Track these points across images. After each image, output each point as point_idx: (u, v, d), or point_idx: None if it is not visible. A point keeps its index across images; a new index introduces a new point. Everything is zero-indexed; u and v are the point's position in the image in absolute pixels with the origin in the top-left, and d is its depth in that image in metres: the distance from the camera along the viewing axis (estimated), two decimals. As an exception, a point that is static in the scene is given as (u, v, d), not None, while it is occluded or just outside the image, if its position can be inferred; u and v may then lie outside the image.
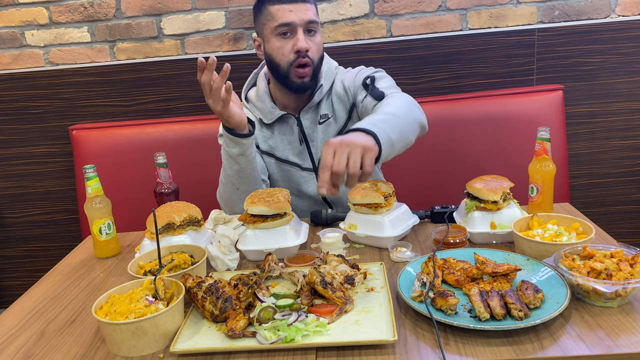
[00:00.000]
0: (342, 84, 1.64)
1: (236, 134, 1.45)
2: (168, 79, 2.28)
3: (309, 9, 1.49)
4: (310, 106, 1.63)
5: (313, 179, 1.69)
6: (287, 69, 1.52)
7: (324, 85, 1.62)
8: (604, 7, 2.17)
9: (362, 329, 0.96)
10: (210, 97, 1.35)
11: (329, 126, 1.65)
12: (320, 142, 1.65)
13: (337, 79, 1.66)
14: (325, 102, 1.65)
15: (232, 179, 1.54)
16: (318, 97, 1.62)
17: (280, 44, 1.51)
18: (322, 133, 1.65)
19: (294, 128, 1.66)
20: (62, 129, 2.34)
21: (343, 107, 1.65)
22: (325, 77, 1.63)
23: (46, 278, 1.38)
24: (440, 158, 2.11)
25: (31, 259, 2.53)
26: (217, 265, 1.29)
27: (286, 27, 1.48)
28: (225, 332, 0.97)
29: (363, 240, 1.39)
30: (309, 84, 1.55)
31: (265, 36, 1.54)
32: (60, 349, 1.02)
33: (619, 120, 2.28)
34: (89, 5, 2.22)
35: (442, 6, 2.19)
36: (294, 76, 1.53)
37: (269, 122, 1.65)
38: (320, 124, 1.65)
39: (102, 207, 1.45)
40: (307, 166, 1.68)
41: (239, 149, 1.47)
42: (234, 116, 1.41)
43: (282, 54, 1.51)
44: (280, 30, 1.49)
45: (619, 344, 0.88)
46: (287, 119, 1.65)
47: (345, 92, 1.63)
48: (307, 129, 1.65)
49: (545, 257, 1.10)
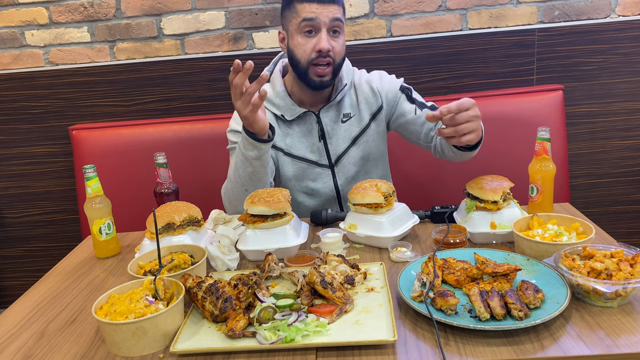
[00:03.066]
0: (368, 86, 1.68)
1: (257, 138, 1.44)
2: (168, 79, 2.28)
3: (336, 9, 1.50)
4: (331, 104, 1.65)
5: (328, 175, 1.69)
6: (306, 66, 1.53)
7: (347, 84, 1.64)
8: (604, 7, 2.17)
9: (362, 329, 0.96)
10: (240, 99, 1.35)
11: (352, 124, 1.68)
12: (342, 140, 1.67)
13: (359, 79, 1.69)
14: (347, 100, 1.67)
15: (243, 180, 1.54)
16: (340, 96, 1.64)
17: (303, 41, 1.52)
18: (344, 131, 1.67)
19: (314, 125, 1.66)
20: (62, 129, 2.34)
21: (368, 109, 1.68)
22: (346, 77, 1.65)
23: (46, 278, 1.38)
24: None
25: (31, 259, 2.53)
26: (217, 265, 1.29)
27: (310, 23, 1.49)
28: (225, 332, 0.97)
29: (363, 240, 1.39)
30: (327, 82, 1.56)
31: (290, 32, 1.55)
32: (60, 349, 1.02)
33: (619, 120, 2.28)
34: (89, 5, 2.22)
35: (442, 6, 2.19)
36: (313, 74, 1.54)
37: (290, 119, 1.66)
38: (344, 122, 1.67)
39: (102, 207, 1.45)
40: (323, 162, 1.69)
41: (257, 152, 1.47)
42: (259, 122, 1.40)
43: (304, 51, 1.52)
44: (304, 27, 1.50)
45: (619, 344, 0.88)
46: (307, 117, 1.66)
47: (374, 94, 1.67)
48: (327, 126, 1.66)
49: (545, 257, 1.10)
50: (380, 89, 1.68)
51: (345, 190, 1.71)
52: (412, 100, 1.66)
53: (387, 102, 1.68)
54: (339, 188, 1.71)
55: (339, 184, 1.70)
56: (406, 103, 1.66)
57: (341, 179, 1.70)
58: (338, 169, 1.70)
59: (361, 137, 1.68)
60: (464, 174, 1.70)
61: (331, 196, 1.71)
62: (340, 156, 1.68)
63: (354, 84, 1.69)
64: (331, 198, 1.72)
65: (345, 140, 1.68)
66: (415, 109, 1.64)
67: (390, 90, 1.68)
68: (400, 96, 1.67)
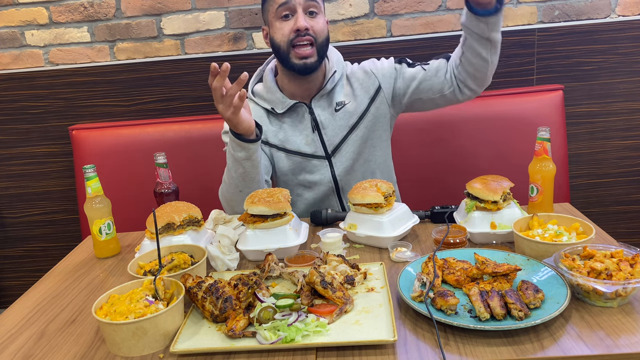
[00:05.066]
0: (361, 70, 1.69)
1: (243, 139, 1.45)
2: (168, 79, 2.28)
3: None
4: (322, 94, 1.65)
5: (326, 166, 1.68)
6: (287, 49, 1.54)
7: (337, 71, 1.64)
8: (604, 7, 2.17)
9: (362, 329, 0.96)
10: (221, 102, 1.35)
11: (347, 112, 1.66)
12: (338, 129, 1.66)
13: (351, 69, 1.70)
14: (339, 90, 1.67)
15: (236, 181, 1.54)
16: (331, 85, 1.64)
17: (280, 25, 1.54)
18: (339, 120, 1.66)
19: (306, 116, 1.66)
20: (62, 129, 2.34)
21: (365, 93, 1.67)
22: (337, 66, 1.65)
23: (46, 278, 1.38)
24: (440, 158, 2.11)
25: (31, 259, 2.53)
26: (217, 265, 1.29)
27: (285, 7, 1.51)
28: (225, 332, 0.97)
29: (363, 240, 1.39)
30: (312, 64, 1.56)
31: (270, 22, 1.57)
32: (60, 349, 1.02)
33: (619, 120, 2.28)
34: (89, 5, 2.22)
35: (442, 6, 2.19)
36: (295, 57, 1.54)
37: (281, 112, 1.65)
38: (337, 111, 1.66)
39: (102, 207, 1.45)
40: (319, 154, 1.68)
41: (245, 153, 1.47)
42: (243, 122, 1.40)
43: (282, 34, 1.53)
44: (280, 12, 1.52)
45: (619, 344, 0.88)
46: (298, 108, 1.66)
47: (369, 76, 1.67)
48: (320, 116, 1.66)
49: (545, 257, 1.10)
50: (374, 69, 1.68)
51: (343, 181, 1.70)
52: (413, 65, 1.66)
53: (385, 80, 1.66)
54: (337, 178, 1.69)
55: (336, 174, 1.69)
56: (408, 70, 1.65)
57: (339, 169, 1.69)
58: (335, 159, 1.68)
59: (359, 124, 1.66)
60: (464, 174, 1.70)
61: (330, 187, 1.70)
62: (338, 146, 1.67)
63: (347, 74, 1.69)
64: (330, 189, 1.71)
65: (341, 129, 1.66)
66: (420, 68, 1.64)
67: (385, 67, 1.67)
68: (399, 67, 1.67)
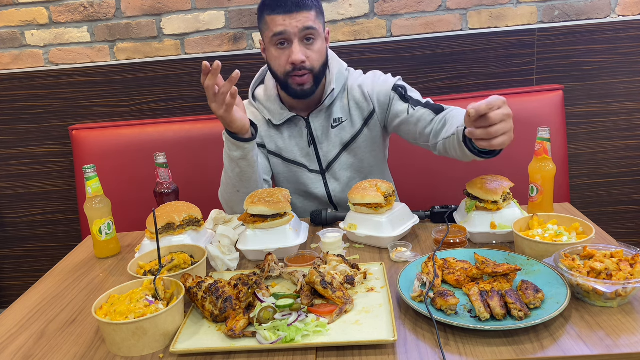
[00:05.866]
0: (360, 90, 1.62)
1: (238, 138, 1.44)
2: (168, 79, 2.28)
3: (306, 16, 1.45)
4: (320, 109, 1.62)
5: (320, 180, 1.68)
6: (284, 78, 1.52)
7: (335, 88, 1.60)
8: (604, 7, 2.17)
9: (362, 329, 0.96)
10: (214, 101, 1.34)
11: (343, 130, 1.64)
12: (332, 146, 1.64)
13: (352, 83, 1.64)
14: (338, 105, 1.63)
15: (233, 182, 1.54)
16: (329, 101, 1.61)
17: (277, 54, 1.50)
18: (335, 137, 1.64)
19: (303, 130, 1.64)
20: (62, 129, 2.34)
21: (360, 114, 1.63)
22: (337, 81, 1.60)
23: (46, 278, 1.38)
24: (440, 158, 2.10)
25: (31, 259, 2.53)
26: (217, 265, 1.29)
27: (280, 36, 1.47)
28: (225, 332, 0.97)
29: (363, 240, 1.39)
30: (309, 90, 1.53)
31: (266, 44, 1.54)
32: (60, 349, 1.02)
33: (619, 120, 2.28)
34: (89, 5, 2.22)
35: (442, 6, 2.19)
36: (293, 84, 1.52)
37: (278, 124, 1.64)
38: (334, 127, 1.63)
39: (102, 207, 1.45)
40: (314, 168, 1.67)
41: (241, 152, 1.47)
42: (236, 121, 1.40)
43: (279, 64, 1.50)
44: (275, 40, 1.48)
45: (619, 344, 0.88)
46: (296, 121, 1.64)
47: (365, 99, 1.61)
48: (317, 131, 1.64)
49: (545, 257, 1.10)
50: (372, 92, 1.61)
51: (338, 197, 1.69)
52: (406, 99, 1.57)
53: (379, 105, 1.62)
54: (331, 194, 1.69)
55: (330, 189, 1.68)
56: (399, 103, 1.58)
57: (333, 185, 1.68)
58: (330, 175, 1.68)
59: (353, 143, 1.64)
60: (464, 174, 1.70)
61: (325, 202, 1.71)
62: (332, 162, 1.66)
63: (347, 87, 1.64)
64: (325, 203, 1.71)
65: (336, 146, 1.65)
66: (408, 108, 1.56)
67: (382, 92, 1.61)
68: (394, 97, 1.59)
